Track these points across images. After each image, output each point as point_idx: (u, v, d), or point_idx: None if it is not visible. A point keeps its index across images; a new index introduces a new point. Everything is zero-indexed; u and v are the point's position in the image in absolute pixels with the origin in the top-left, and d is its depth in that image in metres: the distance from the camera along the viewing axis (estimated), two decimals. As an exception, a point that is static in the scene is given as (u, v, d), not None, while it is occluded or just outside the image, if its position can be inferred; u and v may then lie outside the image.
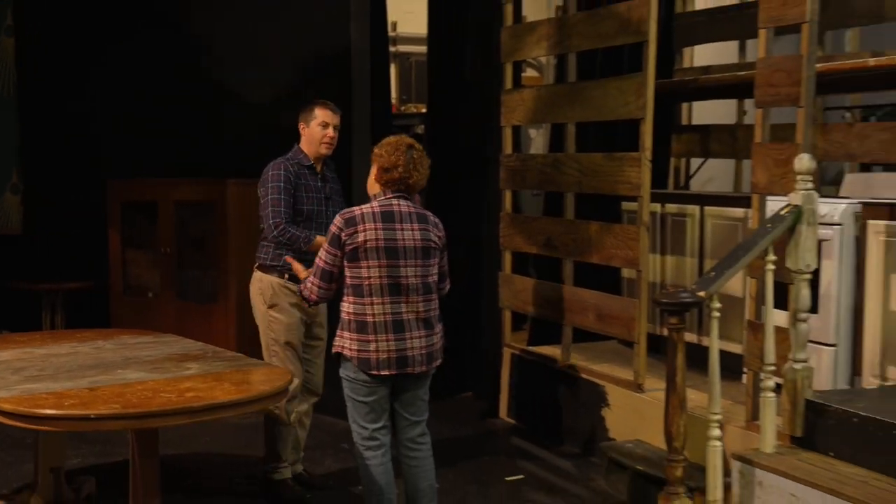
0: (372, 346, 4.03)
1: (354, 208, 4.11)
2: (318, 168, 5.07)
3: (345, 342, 4.08)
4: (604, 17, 5.61)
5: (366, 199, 4.26)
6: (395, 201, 4.10)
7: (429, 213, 4.18)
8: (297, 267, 4.49)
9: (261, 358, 4.84)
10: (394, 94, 8.98)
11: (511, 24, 6.43)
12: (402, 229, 4.05)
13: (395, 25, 9.03)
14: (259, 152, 7.10)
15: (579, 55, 6.19)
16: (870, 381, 4.71)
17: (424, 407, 4.27)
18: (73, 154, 7.85)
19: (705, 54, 7.19)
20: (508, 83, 6.45)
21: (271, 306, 4.94)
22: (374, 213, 4.06)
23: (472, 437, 6.16)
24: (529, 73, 9.57)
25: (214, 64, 7.45)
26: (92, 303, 7.70)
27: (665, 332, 3.97)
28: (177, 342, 4.71)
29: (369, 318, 4.03)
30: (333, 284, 4.15)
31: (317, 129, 4.96)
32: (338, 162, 6.45)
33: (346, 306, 4.09)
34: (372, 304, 4.03)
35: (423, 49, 7.83)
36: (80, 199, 7.77)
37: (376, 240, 4.00)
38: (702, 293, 3.96)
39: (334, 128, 5.00)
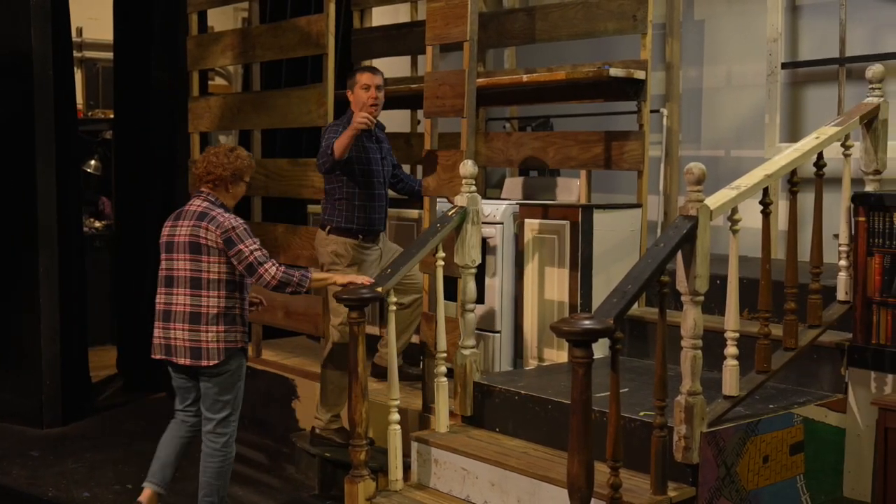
0: (154, 332, 4.22)
1: None
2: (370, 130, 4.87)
3: None
4: (285, 30, 5.54)
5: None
6: (194, 201, 4.22)
7: (216, 213, 4.14)
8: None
9: None
10: (80, 99, 8.45)
11: (196, 33, 6.22)
12: (181, 226, 4.17)
13: (80, 31, 8.50)
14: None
15: (266, 65, 6.08)
16: (530, 362, 4.89)
17: (216, 406, 4.20)
18: None
19: (381, 68, 7.23)
20: (195, 91, 6.24)
21: (351, 265, 4.85)
22: (175, 212, 4.26)
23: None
24: (218, 81, 9.33)
25: None
26: None
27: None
28: None
29: (157, 307, 4.21)
30: None
31: (360, 93, 4.82)
32: (20, 166, 6.00)
33: None
34: (159, 293, 4.21)
35: (110, 55, 7.42)
36: None
37: (162, 235, 4.23)
38: (379, 289, 3.99)
39: (377, 88, 4.84)
